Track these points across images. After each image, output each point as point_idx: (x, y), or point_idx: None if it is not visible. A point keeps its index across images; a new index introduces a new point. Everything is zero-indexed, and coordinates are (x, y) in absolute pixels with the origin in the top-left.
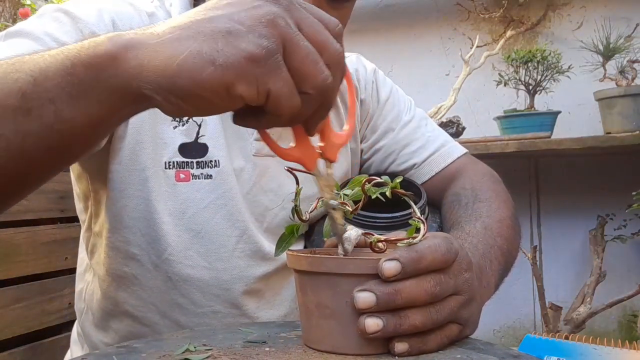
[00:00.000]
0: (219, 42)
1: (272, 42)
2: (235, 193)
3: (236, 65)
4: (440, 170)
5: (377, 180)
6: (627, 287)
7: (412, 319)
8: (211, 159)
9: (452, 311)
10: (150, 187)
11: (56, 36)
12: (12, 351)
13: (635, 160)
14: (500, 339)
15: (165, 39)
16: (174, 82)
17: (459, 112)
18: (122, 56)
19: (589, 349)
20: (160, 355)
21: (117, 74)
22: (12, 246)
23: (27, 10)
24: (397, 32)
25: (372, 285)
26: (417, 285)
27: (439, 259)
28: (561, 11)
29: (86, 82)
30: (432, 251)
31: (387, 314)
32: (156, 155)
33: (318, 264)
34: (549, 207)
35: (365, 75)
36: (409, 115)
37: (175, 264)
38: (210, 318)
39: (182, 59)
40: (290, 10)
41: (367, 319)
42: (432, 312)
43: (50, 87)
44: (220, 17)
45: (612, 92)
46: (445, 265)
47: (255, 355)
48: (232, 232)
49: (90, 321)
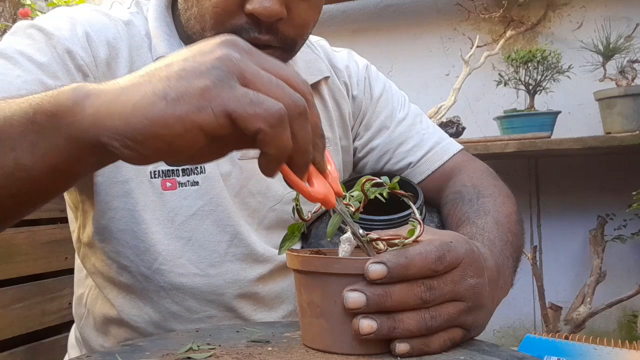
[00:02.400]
0: (172, 80)
1: (224, 72)
2: (224, 198)
3: (187, 96)
4: (437, 168)
5: (376, 180)
6: (627, 287)
7: (407, 323)
8: (196, 166)
9: (451, 317)
10: (136, 198)
11: (29, 54)
12: (12, 351)
13: (635, 160)
14: (500, 339)
15: (124, 86)
16: (129, 123)
17: (459, 112)
18: (81, 104)
19: (589, 349)
20: (163, 354)
21: (74, 122)
22: (12, 246)
23: (27, 11)
24: (397, 32)
25: (362, 286)
26: (407, 288)
27: (428, 266)
28: (561, 11)
29: (47, 130)
30: (422, 258)
31: (381, 316)
32: (140, 166)
33: (308, 263)
34: (549, 207)
35: (358, 71)
36: (403, 112)
37: (167, 272)
38: (206, 323)
39: (137, 100)
40: (251, 53)
41: (361, 319)
42: (427, 318)
43: (13, 134)
44: (177, 62)
45: (612, 92)
46: (434, 273)
47: (257, 355)
48: (222, 237)
49: (90, 325)
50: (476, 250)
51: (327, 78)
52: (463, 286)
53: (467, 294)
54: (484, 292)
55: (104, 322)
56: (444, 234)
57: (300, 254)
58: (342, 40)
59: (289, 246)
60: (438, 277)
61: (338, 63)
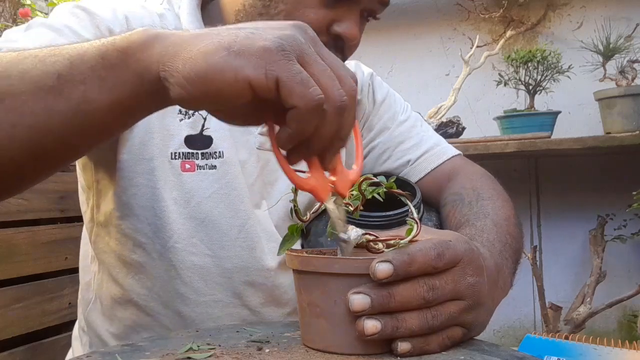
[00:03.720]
0: (239, 37)
1: (287, 46)
2: (239, 183)
3: (248, 53)
4: (435, 167)
5: (374, 180)
6: (627, 287)
7: (410, 323)
8: (215, 150)
9: (452, 316)
10: (157, 177)
11: (75, 29)
12: (12, 351)
13: (635, 160)
14: (500, 339)
15: (193, 34)
16: (188, 63)
17: (459, 112)
18: (150, 43)
19: (589, 349)
20: (163, 354)
21: (142, 59)
22: (12, 246)
23: (27, 11)
24: (397, 32)
25: (366, 288)
26: (411, 289)
27: (429, 263)
28: (561, 11)
29: (116, 65)
30: (423, 254)
31: (385, 316)
32: (163, 146)
33: (307, 263)
34: (549, 207)
35: (362, 78)
36: (405, 115)
37: (180, 251)
38: (212, 307)
39: (202, 46)
40: (315, 42)
41: (365, 320)
42: (429, 317)
43: (84, 69)
44: (248, 27)
45: (612, 92)
46: (434, 270)
47: (257, 355)
48: (234, 222)
49: (98, 310)
50: (475, 250)
51: None
52: (463, 285)
53: (467, 292)
54: (484, 291)
55: (111, 304)
56: (443, 233)
57: (300, 254)
58: None
59: (288, 246)
60: (439, 277)
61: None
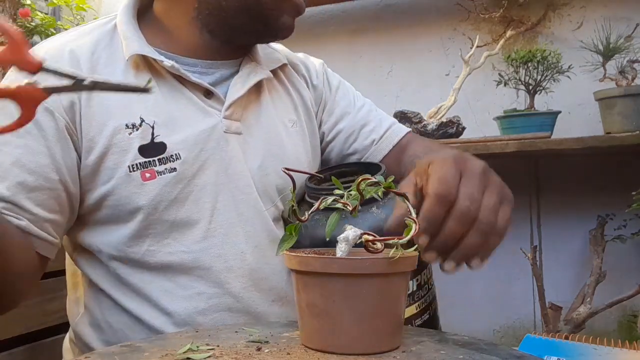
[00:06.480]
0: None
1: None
2: (201, 179)
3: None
4: (396, 143)
5: (371, 180)
6: (627, 287)
7: (470, 243)
8: (172, 154)
9: (495, 205)
10: (120, 193)
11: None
12: (12, 351)
13: (635, 160)
14: (500, 338)
15: None
16: None
17: (459, 112)
18: None
19: (589, 349)
20: (162, 355)
21: None
22: None
23: (27, 11)
24: (397, 32)
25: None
26: (457, 224)
27: (452, 178)
28: (561, 11)
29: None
30: (442, 183)
31: (454, 254)
32: (119, 162)
33: (305, 263)
34: (549, 207)
35: (315, 66)
36: (361, 102)
37: (156, 253)
38: (197, 301)
39: None
40: (486, 173)
41: (446, 264)
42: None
43: None
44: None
45: (612, 92)
46: (454, 188)
47: (256, 355)
48: (202, 215)
49: (86, 323)
50: (452, 150)
51: (285, 65)
52: (477, 172)
53: (482, 177)
54: (486, 166)
55: (101, 313)
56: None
57: (299, 254)
58: (342, 40)
59: (286, 247)
60: (460, 187)
61: (295, 60)
